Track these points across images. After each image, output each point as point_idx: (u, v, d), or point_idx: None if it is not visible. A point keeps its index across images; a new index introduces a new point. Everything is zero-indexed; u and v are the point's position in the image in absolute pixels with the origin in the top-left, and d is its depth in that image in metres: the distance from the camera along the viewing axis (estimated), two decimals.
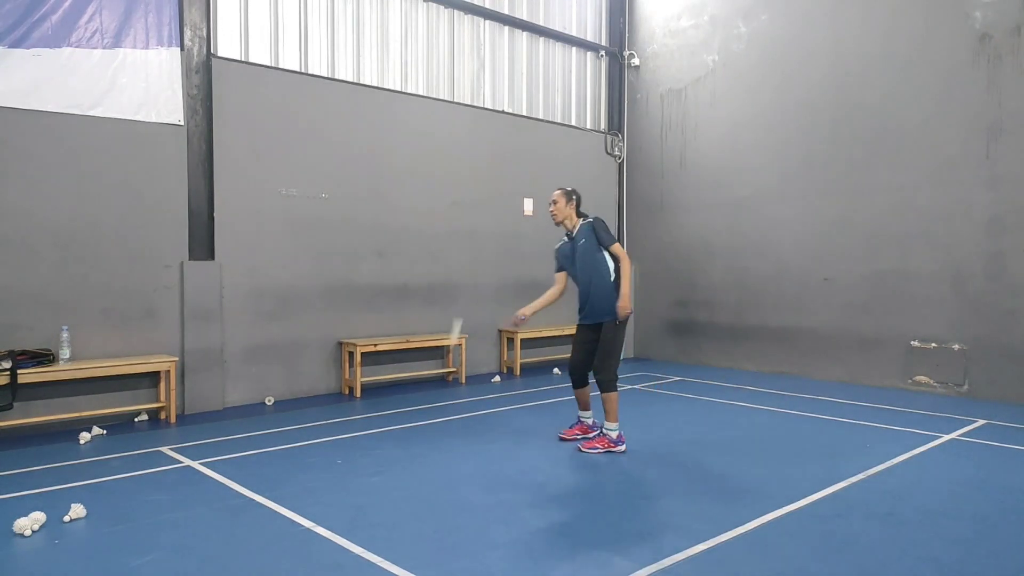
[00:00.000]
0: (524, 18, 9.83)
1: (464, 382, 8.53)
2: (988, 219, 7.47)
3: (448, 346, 8.61)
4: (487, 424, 6.30)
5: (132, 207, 6.44)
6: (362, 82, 8.10)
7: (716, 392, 7.94)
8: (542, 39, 10.18)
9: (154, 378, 6.50)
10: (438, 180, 8.74)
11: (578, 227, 5.40)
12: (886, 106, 8.20)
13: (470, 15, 9.22)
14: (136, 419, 6.36)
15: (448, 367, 8.75)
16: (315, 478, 4.62)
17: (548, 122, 10.17)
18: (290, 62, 7.54)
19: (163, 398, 6.44)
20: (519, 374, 9.19)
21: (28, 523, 3.63)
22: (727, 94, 9.82)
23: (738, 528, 3.74)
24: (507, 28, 9.72)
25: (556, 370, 9.31)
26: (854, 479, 4.61)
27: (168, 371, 6.39)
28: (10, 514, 3.78)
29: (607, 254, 5.32)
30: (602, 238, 5.30)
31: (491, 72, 9.53)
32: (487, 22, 9.44)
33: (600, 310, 5.28)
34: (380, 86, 8.27)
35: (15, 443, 5.54)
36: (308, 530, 3.71)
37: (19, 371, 5.56)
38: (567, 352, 7.51)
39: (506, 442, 5.61)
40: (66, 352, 5.96)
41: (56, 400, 6.00)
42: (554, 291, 5.62)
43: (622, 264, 5.28)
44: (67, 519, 3.80)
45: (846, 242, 8.56)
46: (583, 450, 5.23)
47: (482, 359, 9.25)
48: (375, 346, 7.78)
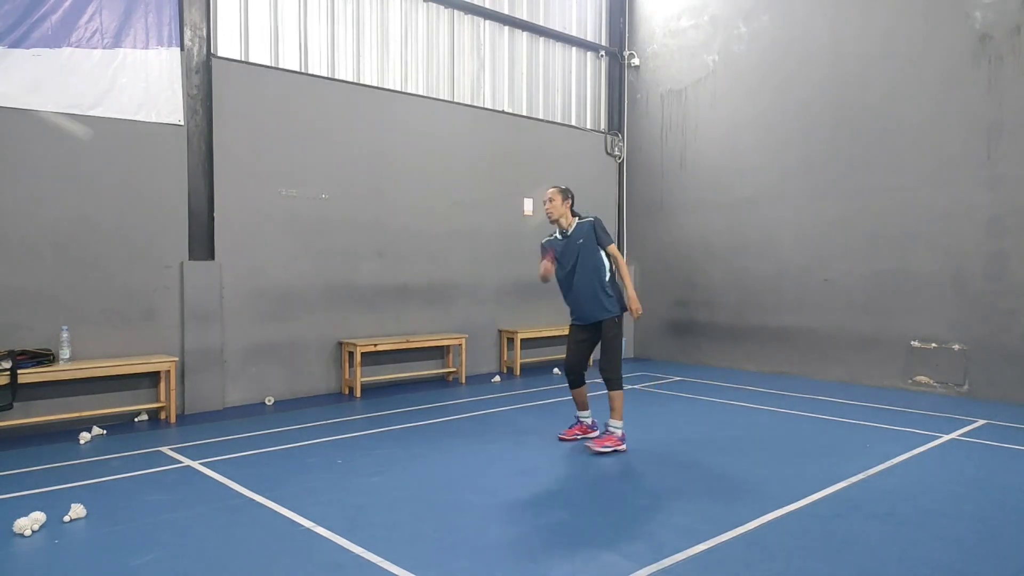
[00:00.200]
0: (524, 18, 9.83)
1: (464, 382, 8.53)
2: (988, 219, 7.47)
3: (448, 346, 8.60)
4: (487, 424, 6.30)
5: (132, 207, 6.44)
6: (362, 82, 8.10)
7: (716, 392, 7.94)
8: (542, 39, 10.18)
9: (154, 378, 6.50)
10: (438, 180, 8.73)
11: (575, 226, 5.39)
12: (886, 106, 8.20)
13: (470, 15, 9.22)
14: (136, 419, 6.36)
15: (448, 367, 8.76)
16: (315, 478, 4.62)
17: (548, 122, 10.17)
18: (290, 62, 7.54)
19: (163, 398, 6.44)
20: (519, 374, 9.19)
21: (28, 523, 3.64)
22: (727, 95, 9.81)
23: (738, 528, 3.74)
24: (507, 28, 9.71)
25: (556, 370, 9.30)
26: (854, 479, 4.61)
27: (168, 371, 6.39)
28: (10, 514, 3.78)
29: (604, 254, 5.35)
30: (601, 238, 5.33)
31: (491, 72, 9.52)
32: (487, 22, 9.44)
33: (599, 309, 5.31)
34: (380, 86, 8.27)
35: (15, 443, 5.54)
36: (308, 530, 3.71)
37: (19, 371, 5.56)
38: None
39: (506, 442, 5.61)
40: (66, 352, 5.96)
41: (56, 400, 6.00)
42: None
43: (621, 264, 5.35)
44: (67, 519, 3.80)
45: (846, 242, 8.56)
46: (598, 449, 5.19)
47: (482, 359, 9.25)
48: (375, 346, 7.78)
